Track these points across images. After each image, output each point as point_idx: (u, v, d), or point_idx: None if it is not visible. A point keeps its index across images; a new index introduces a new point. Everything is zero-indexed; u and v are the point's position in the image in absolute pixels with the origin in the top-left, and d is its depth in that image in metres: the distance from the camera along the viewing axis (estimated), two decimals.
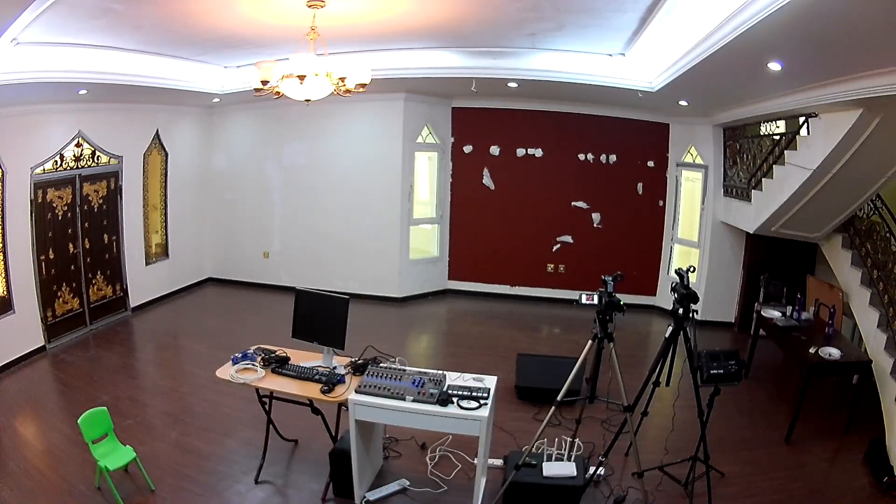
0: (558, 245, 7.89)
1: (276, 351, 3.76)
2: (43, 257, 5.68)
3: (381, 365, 3.58)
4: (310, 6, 3.81)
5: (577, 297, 3.59)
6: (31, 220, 5.52)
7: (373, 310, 7.31)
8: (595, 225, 7.77)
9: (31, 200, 5.49)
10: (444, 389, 3.30)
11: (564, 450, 3.79)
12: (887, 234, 4.87)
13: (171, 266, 7.75)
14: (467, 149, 7.86)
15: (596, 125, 7.47)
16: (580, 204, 7.76)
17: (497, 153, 7.79)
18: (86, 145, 6.14)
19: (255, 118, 8.02)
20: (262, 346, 3.87)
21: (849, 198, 4.95)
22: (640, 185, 7.60)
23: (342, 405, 3.38)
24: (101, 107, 6.11)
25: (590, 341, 3.55)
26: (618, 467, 3.96)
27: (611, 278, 3.53)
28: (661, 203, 7.60)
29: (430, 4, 4.18)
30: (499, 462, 3.88)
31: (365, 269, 7.86)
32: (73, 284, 6.12)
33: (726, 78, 4.53)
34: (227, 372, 3.59)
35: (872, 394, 4.51)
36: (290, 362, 3.66)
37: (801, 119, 4.95)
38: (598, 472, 3.70)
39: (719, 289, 7.04)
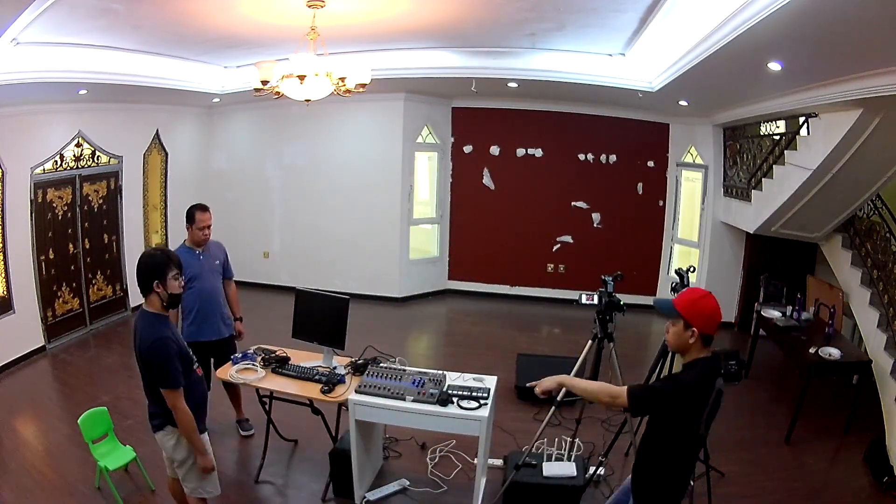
0: (558, 245, 7.89)
1: (276, 351, 3.75)
2: (43, 257, 5.67)
3: (381, 365, 3.58)
4: (310, 6, 3.82)
5: (577, 297, 3.59)
6: (31, 220, 5.51)
7: (373, 310, 7.30)
8: (595, 225, 7.77)
9: (31, 200, 5.49)
10: (444, 389, 3.29)
11: (564, 450, 3.79)
12: (887, 234, 4.87)
13: None
14: (467, 149, 7.86)
15: (596, 125, 7.47)
16: (580, 204, 7.76)
17: (497, 153, 7.79)
18: (86, 145, 6.14)
19: (255, 118, 8.02)
20: (262, 346, 3.87)
21: (849, 198, 4.95)
22: (640, 185, 7.60)
23: (342, 405, 3.37)
24: (101, 107, 6.11)
25: (590, 341, 3.55)
26: (618, 467, 3.95)
27: (611, 278, 3.52)
28: (661, 203, 7.60)
29: (429, 4, 4.19)
30: (499, 462, 3.88)
31: (365, 269, 7.86)
32: (73, 284, 6.12)
33: (726, 78, 4.53)
34: (227, 372, 3.59)
35: (872, 394, 4.51)
36: (290, 362, 3.65)
37: (801, 119, 4.95)
38: (598, 472, 3.70)
39: (719, 289, 6.94)
